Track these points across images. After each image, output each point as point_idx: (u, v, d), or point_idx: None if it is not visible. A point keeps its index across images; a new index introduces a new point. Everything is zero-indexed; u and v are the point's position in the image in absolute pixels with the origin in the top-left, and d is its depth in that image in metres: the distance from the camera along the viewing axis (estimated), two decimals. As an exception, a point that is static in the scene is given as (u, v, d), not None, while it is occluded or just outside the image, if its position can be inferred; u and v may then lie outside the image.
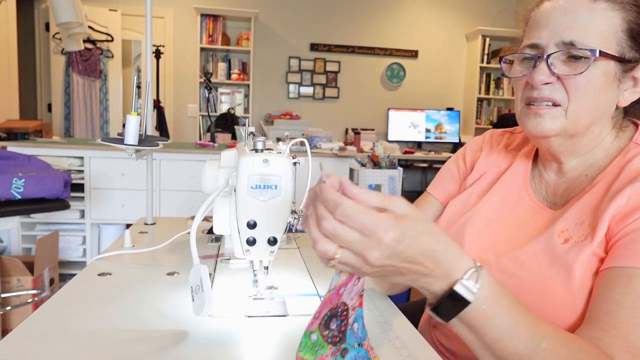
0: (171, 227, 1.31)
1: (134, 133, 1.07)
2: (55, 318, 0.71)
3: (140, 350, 0.63)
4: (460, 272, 0.50)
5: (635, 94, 0.68)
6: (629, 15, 0.65)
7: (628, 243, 0.60)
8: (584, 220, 0.66)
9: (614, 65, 0.65)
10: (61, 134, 4.34)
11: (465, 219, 0.81)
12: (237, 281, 0.91)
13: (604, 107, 0.67)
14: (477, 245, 0.77)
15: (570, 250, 0.65)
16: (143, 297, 0.81)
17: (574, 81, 0.65)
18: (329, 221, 0.45)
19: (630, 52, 0.65)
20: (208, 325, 0.71)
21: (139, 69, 4.91)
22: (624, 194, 0.63)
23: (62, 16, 2.99)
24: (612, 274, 0.59)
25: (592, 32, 0.64)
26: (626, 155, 0.69)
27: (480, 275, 0.50)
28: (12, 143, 2.46)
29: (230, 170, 0.88)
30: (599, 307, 0.59)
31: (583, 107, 0.66)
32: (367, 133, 4.47)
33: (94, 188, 2.47)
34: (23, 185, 1.43)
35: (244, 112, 4.61)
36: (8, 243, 2.42)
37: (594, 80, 0.65)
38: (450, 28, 4.97)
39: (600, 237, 0.63)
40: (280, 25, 4.72)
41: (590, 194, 0.68)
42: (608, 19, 0.64)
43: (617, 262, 0.59)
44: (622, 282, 0.58)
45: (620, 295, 0.57)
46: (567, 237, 0.66)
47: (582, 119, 0.67)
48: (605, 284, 0.59)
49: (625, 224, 0.61)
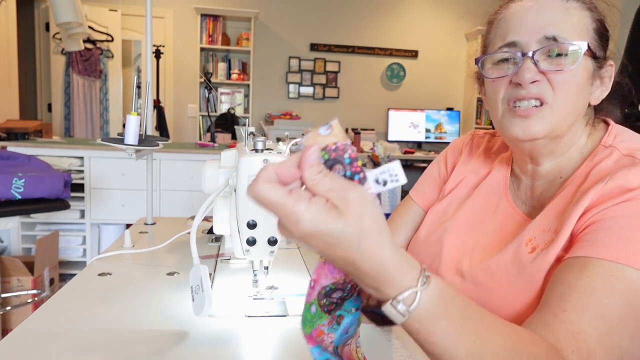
0: (171, 227, 1.31)
1: (134, 133, 1.07)
2: (55, 318, 0.71)
3: (140, 350, 0.63)
4: (394, 291, 0.42)
5: (604, 92, 0.69)
6: (596, 15, 0.66)
7: (586, 234, 0.59)
8: (550, 227, 0.65)
9: (591, 63, 0.66)
10: (61, 134, 4.34)
11: (444, 229, 0.79)
12: (237, 281, 0.91)
13: (582, 104, 0.67)
14: (454, 255, 0.76)
15: (536, 259, 0.63)
16: (143, 297, 0.81)
17: (562, 77, 0.64)
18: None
19: (600, 51, 0.67)
20: (208, 325, 0.71)
21: (139, 69, 4.91)
22: (587, 196, 0.62)
23: (62, 16, 2.99)
24: (569, 263, 0.59)
25: (570, 29, 0.64)
26: (594, 159, 0.67)
27: (418, 296, 0.42)
28: (12, 143, 2.46)
29: (230, 170, 0.88)
30: (552, 292, 0.58)
31: (568, 104, 0.65)
32: (367, 133, 4.47)
33: (94, 188, 2.47)
34: (23, 185, 1.43)
35: (244, 112, 4.61)
36: (8, 243, 2.42)
37: (578, 77, 0.64)
38: (450, 28, 4.97)
39: (564, 241, 0.62)
40: (280, 25, 4.72)
41: (558, 198, 0.67)
42: (582, 17, 0.65)
43: (572, 254, 0.59)
44: (576, 268, 0.57)
45: (574, 279, 0.56)
46: (534, 246, 0.65)
47: (567, 117, 0.66)
48: (560, 271, 0.59)
49: (583, 220, 0.61)
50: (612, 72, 0.69)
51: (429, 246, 0.80)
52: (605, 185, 0.61)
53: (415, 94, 5.00)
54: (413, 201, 0.92)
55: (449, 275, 0.74)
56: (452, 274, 0.73)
